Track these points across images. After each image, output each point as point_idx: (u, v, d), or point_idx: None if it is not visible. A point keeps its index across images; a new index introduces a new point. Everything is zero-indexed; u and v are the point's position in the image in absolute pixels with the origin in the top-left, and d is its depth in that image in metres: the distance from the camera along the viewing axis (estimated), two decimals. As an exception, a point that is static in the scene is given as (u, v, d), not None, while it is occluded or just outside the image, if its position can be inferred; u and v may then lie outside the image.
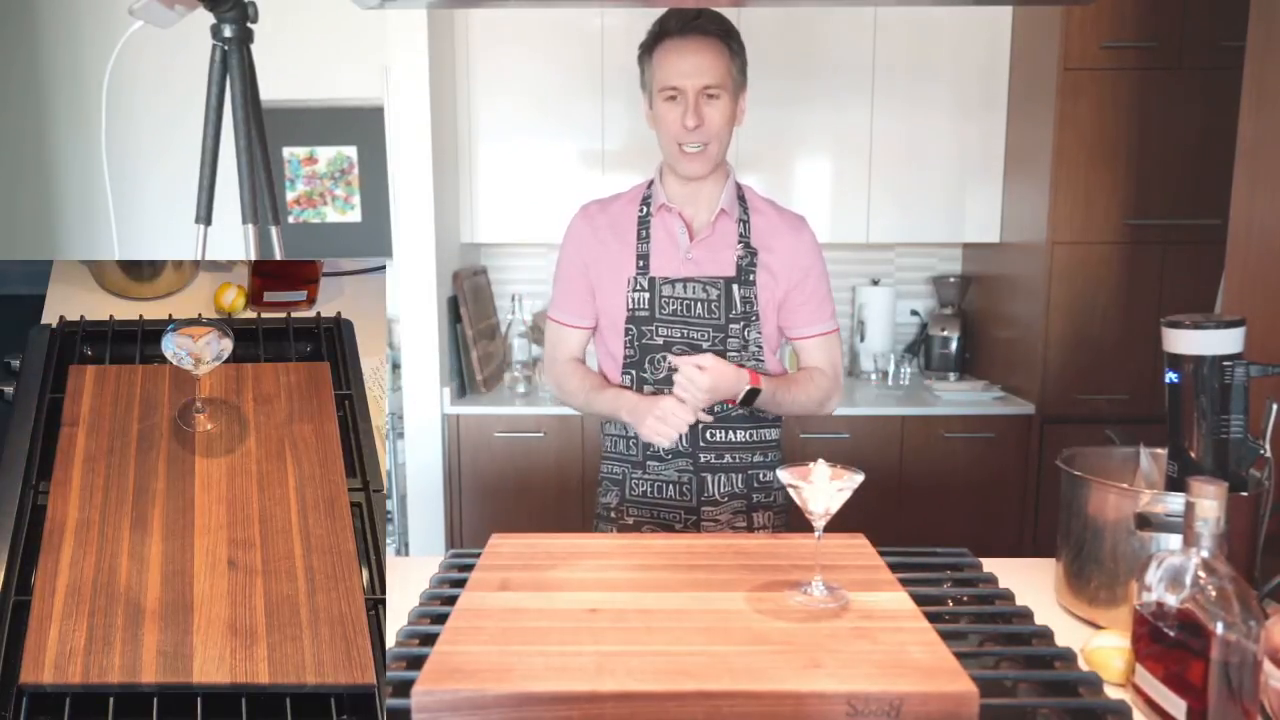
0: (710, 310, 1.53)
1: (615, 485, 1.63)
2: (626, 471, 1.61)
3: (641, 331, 1.54)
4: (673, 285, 1.53)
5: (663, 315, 1.54)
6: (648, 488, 1.59)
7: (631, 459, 1.60)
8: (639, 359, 1.55)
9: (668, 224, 1.56)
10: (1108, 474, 1.23)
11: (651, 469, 1.58)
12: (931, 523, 2.85)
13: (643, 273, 1.55)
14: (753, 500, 1.59)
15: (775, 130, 3.02)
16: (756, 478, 1.60)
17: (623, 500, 1.61)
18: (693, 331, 1.53)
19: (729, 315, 1.53)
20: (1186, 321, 1.09)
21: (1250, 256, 1.56)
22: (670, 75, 1.46)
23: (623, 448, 1.61)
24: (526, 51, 2.97)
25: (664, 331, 1.54)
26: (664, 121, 1.49)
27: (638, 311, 1.54)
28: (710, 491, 1.57)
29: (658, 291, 1.54)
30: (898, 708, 0.80)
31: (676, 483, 1.57)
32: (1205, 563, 0.86)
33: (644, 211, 1.58)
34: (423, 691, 0.82)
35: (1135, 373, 2.75)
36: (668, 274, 1.54)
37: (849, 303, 3.43)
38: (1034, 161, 2.80)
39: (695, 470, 1.56)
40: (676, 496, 1.57)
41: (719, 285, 1.53)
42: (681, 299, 1.53)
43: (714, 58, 1.46)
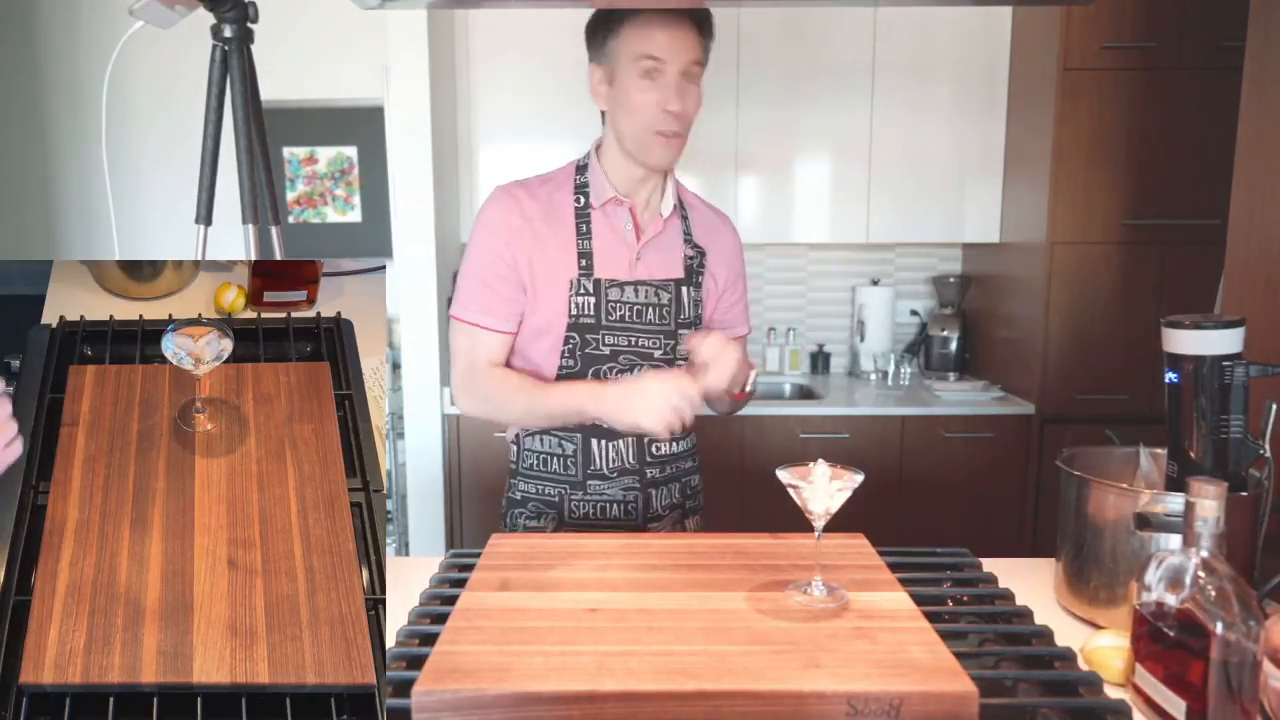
0: (661, 315, 1.40)
1: (550, 508, 1.45)
2: (564, 493, 1.44)
3: (585, 340, 1.38)
4: (621, 289, 1.38)
5: (609, 322, 1.38)
6: (589, 509, 1.44)
7: (569, 479, 1.43)
8: (580, 370, 1.39)
9: (613, 220, 1.40)
10: (1108, 474, 1.23)
11: (593, 488, 1.43)
12: (931, 523, 2.85)
13: (586, 274, 1.37)
14: (686, 508, 1.52)
15: (775, 130, 3.03)
16: (689, 485, 1.52)
17: (560, 525, 1.45)
18: (643, 339, 1.39)
19: (679, 320, 1.41)
20: (1186, 321, 1.09)
21: (1250, 256, 1.56)
22: (652, 45, 1.28)
23: (557, 466, 1.44)
24: (526, 51, 2.97)
25: (610, 340, 1.38)
26: (635, 100, 1.31)
27: (581, 318, 1.37)
28: (655, 506, 1.46)
29: (604, 295, 1.37)
30: (897, 708, 0.80)
31: (622, 501, 1.44)
32: (1205, 563, 0.86)
33: (581, 202, 1.40)
34: (423, 691, 0.82)
35: (1135, 373, 2.75)
36: (615, 276, 1.38)
37: (849, 303, 3.44)
38: (1034, 161, 2.81)
39: (642, 487, 1.44)
40: (622, 516, 1.44)
41: (669, 289, 1.40)
42: (631, 304, 1.38)
43: (697, 35, 1.32)
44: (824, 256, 3.42)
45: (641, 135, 1.34)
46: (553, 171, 1.46)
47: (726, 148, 3.02)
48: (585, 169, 1.43)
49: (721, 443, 2.79)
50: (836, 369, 3.44)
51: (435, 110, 2.77)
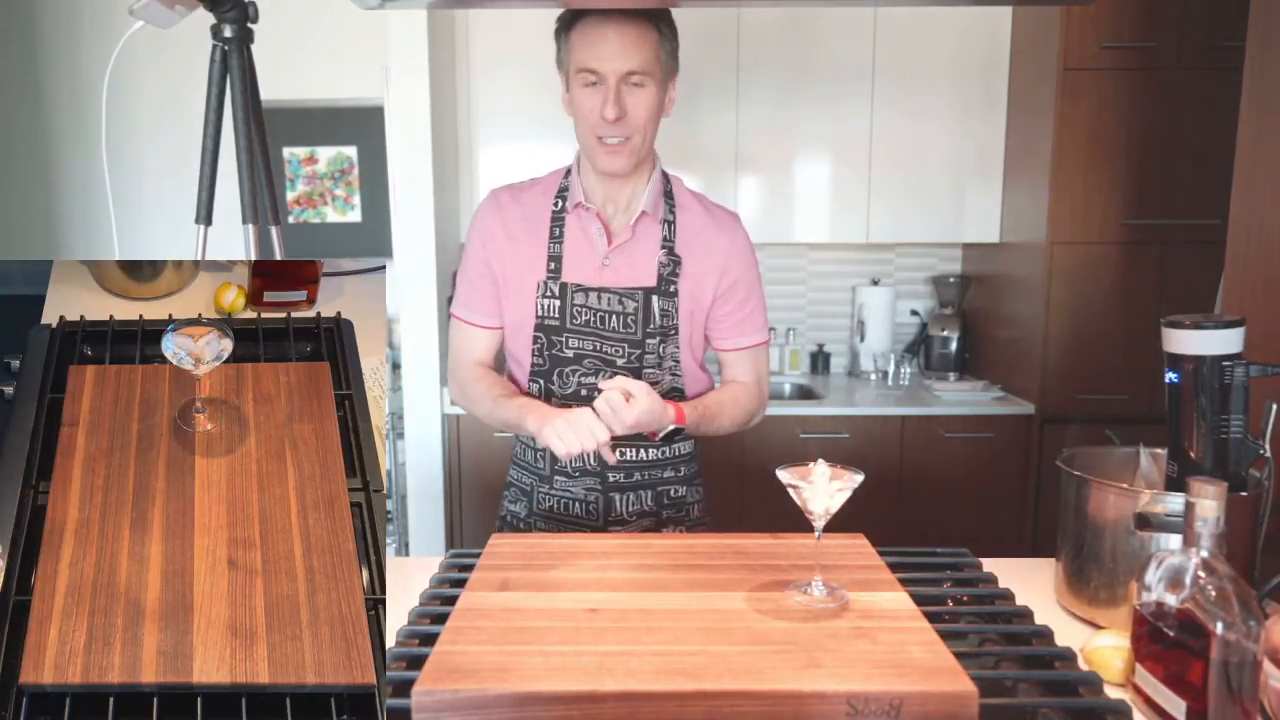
0: (626, 324, 1.40)
1: (524, 495, 1.52)
2: (534, 484, 1.50)
3: (551, 341, 1.41)
4: (586, 294, 1.40)
5: (574, 325, 1.40)
6: (554, 503, 1.48)
7: (538, 471, 1.49)
8: (547, 369, 1.43)
9: (584, 224, 1.42)
10: (1108, 474, 1.23)
11: (559, 484, 1.47)
12: (931, 523, 2.85)
13: (554, 277, 1.40)
14: (662, 516, 1.50)
15: (775, 130, 3.03)
16: (667, 494, 1.50)
17: (530, 512, 1.51)
18: (607, 345, 1.40)
19: (646, 330, 1.40)
20: (1186, 321, 1.09)
21: (1250, 256, 1.56)
22: (588, 57, 1.30)
23: (530, 458, 1.51)
24: (526, 51, 2.97)
25: (575, 343, 1.41)
26: (580, 108, 1.34)
27: (547, 319, 1.41)
28: (618, 510, 1.47)
29: (570, 299, 1.40)
30: (897, 708, 0.80)
31: (584, 501, 1.47)
32: (1205, 563, 0.86)
33: (558, 206, 1.43)
34: (423, 691, 0.82)
35: (1135, 373, 2.75)
36: (581, 281, 1.40)
37: (849, 303, 3.44)
38: (1034, 161, 2.81)
39: (603, 490, 1.46)
40: (583, 515, 1.47)
41: (637, 297, 1.40)
42: (595, 310, 1.40)
43: (640, 40, 1.29)
44: (824, 256, 3.42)
45: (588, 141, 1.38)
46: (548, 174, 1.50)
47: (726, 148, 3.02)
48: (569, 173, 1.46)
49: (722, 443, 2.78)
50: (836, 369, 3.44)
51: (435, 110, 2.77)
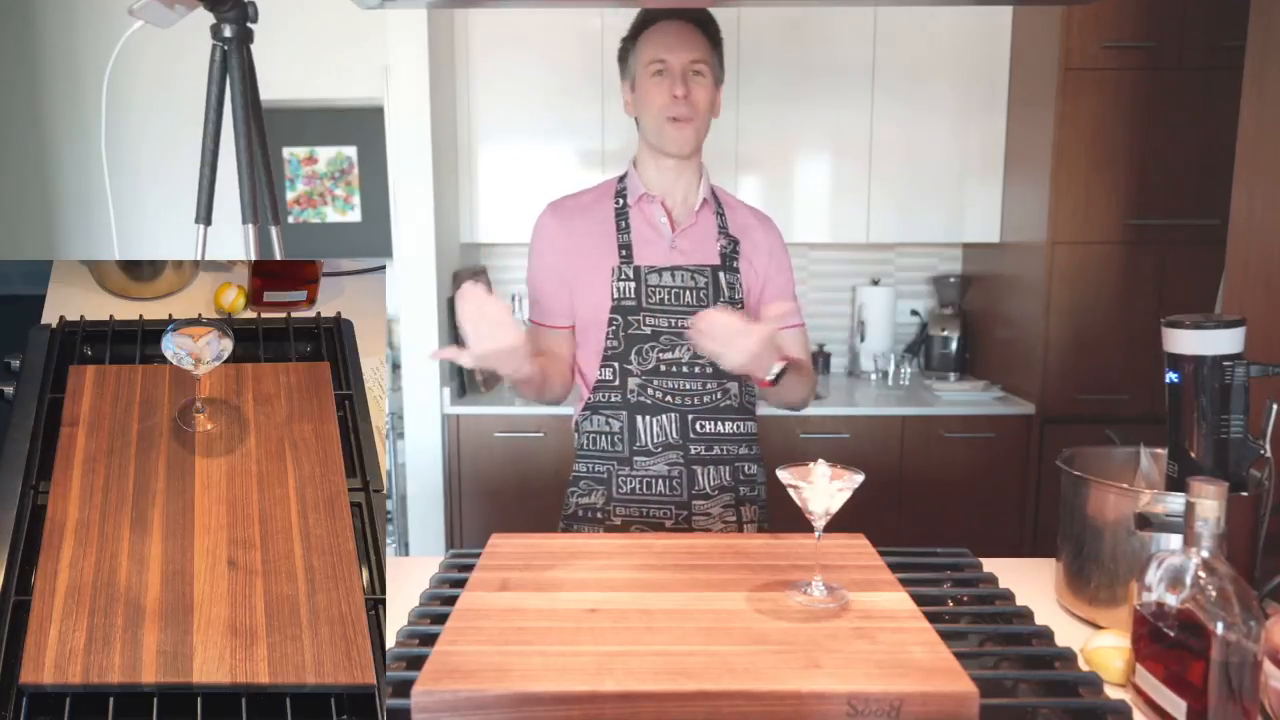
0: (699, 298, 1.51)
1: (600, 485, 1.55)
2: (612, 469, 1.54)
3: (628, 321, 1.50)
4: (659, 274, 1.51)
5: (650, 304, 1.50)
6: (636, 484, 1.53)
7: (617, 455, 1.53)
8: (623, 350, 1.50)
9: (649, 214, 1.55)
10: (1108, 474, 1.23)
11: (639, 464, 1.52)
12: (931, 523, 2.85)
13: (627, 262, 1.51)
14: (740, 494, 1.56)
15: (775, 130, 3.03)
16: (742, 470, 1.57)
17: (609, 500, 1.54)
18: (682, 320, 1.48)
19: (718, 302, 1.50)
20: (1186, 321, 1.09)
21: (1250, 256, 1.56)
22: (658, 50, 1.48)
23: (605, 444, 1.54)
24: (526, 51, 2.97)
25: (651, 321, 1.50)
26: (650, 97, 1.49)
27: (623, 301, 1.50)
28: (701, 484, 1.52)
29: (644, 280, 1.50)
30: (897, 708, 0.80)
31: (666, 477, 1.52)
32: (1205, 563, 0.86)
33: (620, 204, 1.56)
34: (423, 691, 0.82)
35: (1135, 373, 2.75)
36: (653, 263, 1.52)
37: (849, 303, 3.44)
38: (1034, 161, 2.81)
39: (686, 463, 1.52)
40: (667, 491, 1.52)
41: (706, 273, 1.52)
42: (669, 287, 1.51)
43: (699, 39, 1.49)
44: (824, 256, 3.42)
45: (657, 124, 1.50)
46: (598, 184, 1.64)
47: (726, 148, 3.02)
48: (624, 178, 1.59)
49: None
50: (837, 369, 3.44)
51: (435, 110, 2.77)
